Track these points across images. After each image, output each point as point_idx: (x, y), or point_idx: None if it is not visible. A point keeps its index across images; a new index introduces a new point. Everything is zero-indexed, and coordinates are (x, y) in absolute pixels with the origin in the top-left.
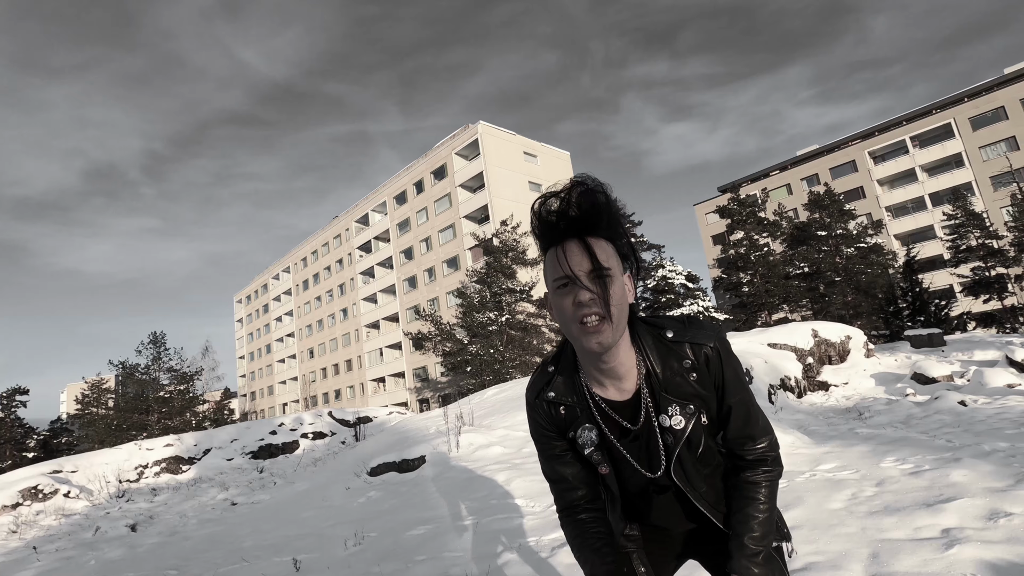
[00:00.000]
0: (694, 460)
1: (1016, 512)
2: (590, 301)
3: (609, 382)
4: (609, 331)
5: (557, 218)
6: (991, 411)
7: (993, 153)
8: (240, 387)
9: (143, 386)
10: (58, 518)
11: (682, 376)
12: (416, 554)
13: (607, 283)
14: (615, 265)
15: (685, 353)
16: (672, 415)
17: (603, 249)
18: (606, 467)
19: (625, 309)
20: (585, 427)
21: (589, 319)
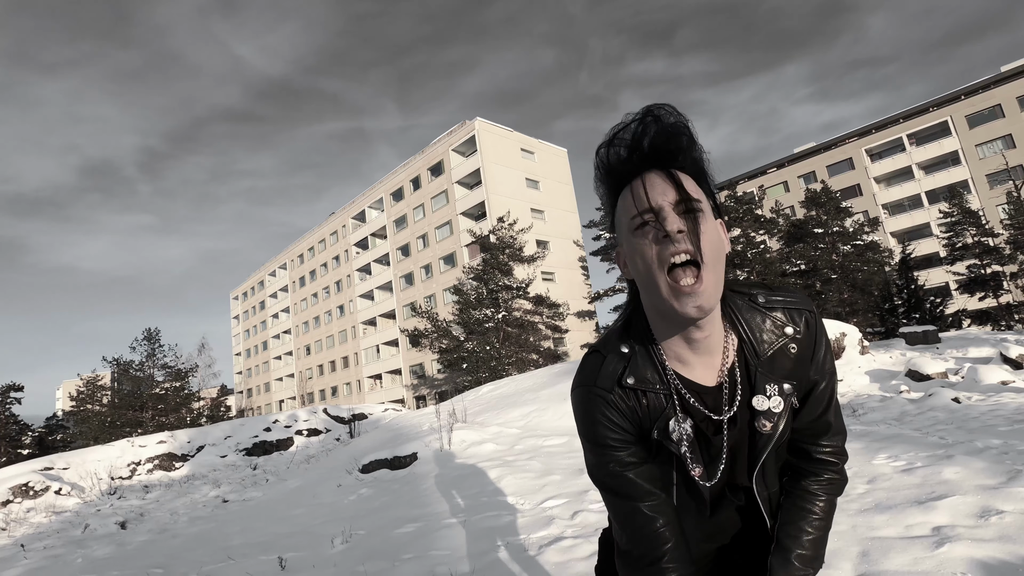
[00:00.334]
0: (775, 455)
1: (1008, 510)
2: (679, 236)
3: (697, 359)
4: (708, 288)
5: (630, 150)
6: (985, 408)
7: (989, 151)
8: (236, 384)
9: (138, 383)
10: (49, 515)
11: (782, 349)
12: (403, 552)
13: (698, 218)
14: (707, 209)
15: (783, 320)
16: (771, 396)
17: (689, 182)
18: (700, 468)
19: (722, 259)
20: (677, 418)
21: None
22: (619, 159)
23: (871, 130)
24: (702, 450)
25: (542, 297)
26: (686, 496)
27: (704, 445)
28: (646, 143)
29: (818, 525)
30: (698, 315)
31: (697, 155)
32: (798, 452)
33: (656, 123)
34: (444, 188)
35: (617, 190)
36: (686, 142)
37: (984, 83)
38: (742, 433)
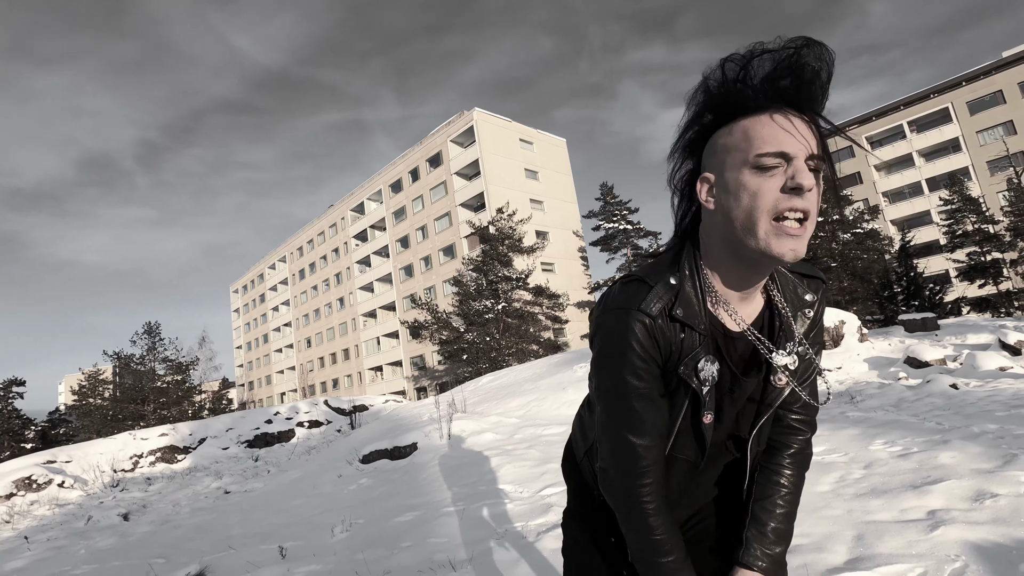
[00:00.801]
0: (771, 419)
1: (1002, 493)
2: (808, 193)
3: (740, 302)
4: (806, 239)
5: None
6: (982, 394)
7: (990, 137)
8: (238, 377)
9: (139, 376)
10: (52, 508)
11: (802, 313)
12: (402, 540)
13: (819, 178)
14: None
15: (805, 287)
16: (790, 353)
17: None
18: (711, 416)
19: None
20: (707, 359)
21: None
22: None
23: (871, 117)
24: (720, 396)
25: (542, 288)
26: (685, 444)
27: (725, 391)
28: (798, 77)
29: (789, 500)
30: (792, 258)
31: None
32: (781, 424)
33: (815, 59)
34: (443, 179)
35: (730, 113)
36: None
37: (985, 69)
38: (756, 386)
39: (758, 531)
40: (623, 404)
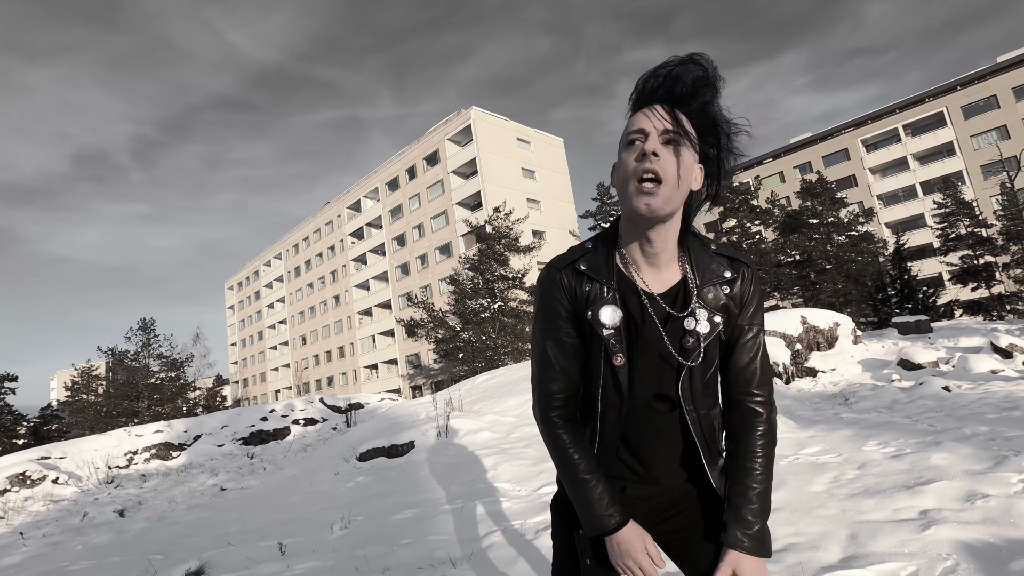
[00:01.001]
0: (702, 374)
1: (993, 494)
2: (653, 157)
3: (649, 268)
4: (663, 197)
5: (656, 84)
6: (974, 396)
7: (984, 142)
8: (232, 374)
9: (133, 373)
10: (46, 504)
11: (717, 286)
12: (401, 537)
13: (678, 150)
14: (690, 145)
15: (725, 265)
16: (699, 320)
17: (685, 122)
18: (622, 357)
19: (686, 186)
20: (611, 307)
21: (647, 175)
22: (646, 89)
23: (867, 121)
24: (629, 343)
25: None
26: (611, 389)
27: (634, 338)
28: (670, 82)
29: (761, 479)
30: (647, 212)
31: (714, 111)
32: (732, 403)
33: (687, 71)
34: (440, 178)
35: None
36: (707, 96)
37: (980, 74)
38: (675, 344)
39: (736, 515)
40: (538, 346)
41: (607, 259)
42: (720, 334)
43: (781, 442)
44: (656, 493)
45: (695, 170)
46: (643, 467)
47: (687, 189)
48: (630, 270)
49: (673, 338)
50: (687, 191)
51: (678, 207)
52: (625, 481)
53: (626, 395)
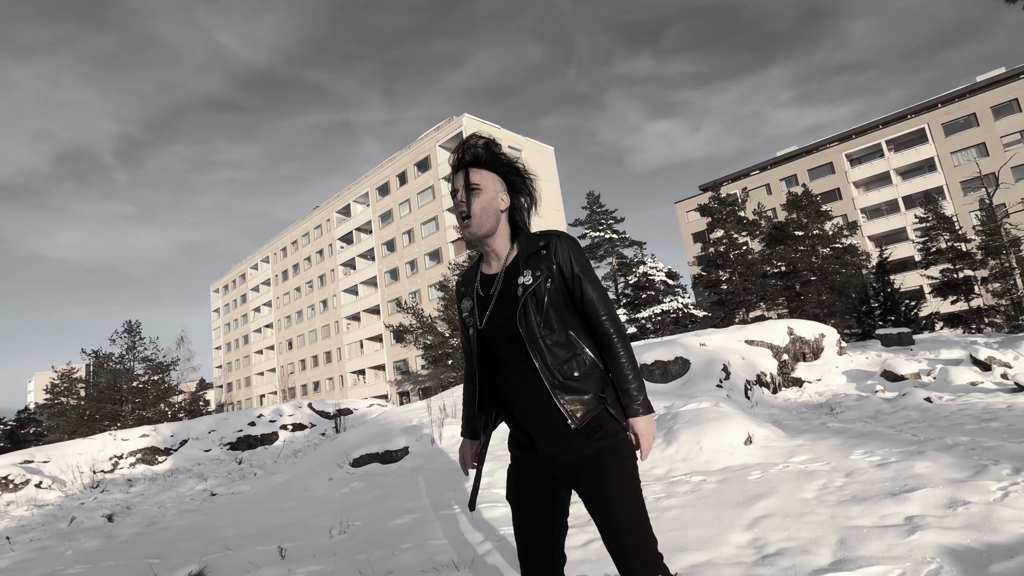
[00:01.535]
0: (537, 313)
1: (974, 501)
2: (459, 203)
3: (494, 260)
4: (472, 226)
5: (457, 157)
6: (955, 407)
7: (964, 158)
8: (216, 378)
9: (116, 376)
10: (30, 509)
11: (536, 254)
12: (401, 542)
13: (474, 195)
14: (489, 186)
15: (539, 240)
16: (526, 276)
17: (481, 175)
18: (473, 329)
19: (490, 213)
20: (466, 298)
21: (460, 213)
22: (453, 163)
23: (851, 135)
24: (480, 314)
25: None
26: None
27: (481, 308)
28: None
29: (628, 364)
30: (468, 237)
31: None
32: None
33: (471, 146)
34: (431, 184)
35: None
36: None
37: (960, 92)
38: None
39: (625, 393)
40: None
41: (472, 271)
42: (547, 282)
43: (770, 450)
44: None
45: (498, 198)
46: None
47: (495, 212)
48: (483, 269)
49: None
50: (496, 213)
51: (493, 226)
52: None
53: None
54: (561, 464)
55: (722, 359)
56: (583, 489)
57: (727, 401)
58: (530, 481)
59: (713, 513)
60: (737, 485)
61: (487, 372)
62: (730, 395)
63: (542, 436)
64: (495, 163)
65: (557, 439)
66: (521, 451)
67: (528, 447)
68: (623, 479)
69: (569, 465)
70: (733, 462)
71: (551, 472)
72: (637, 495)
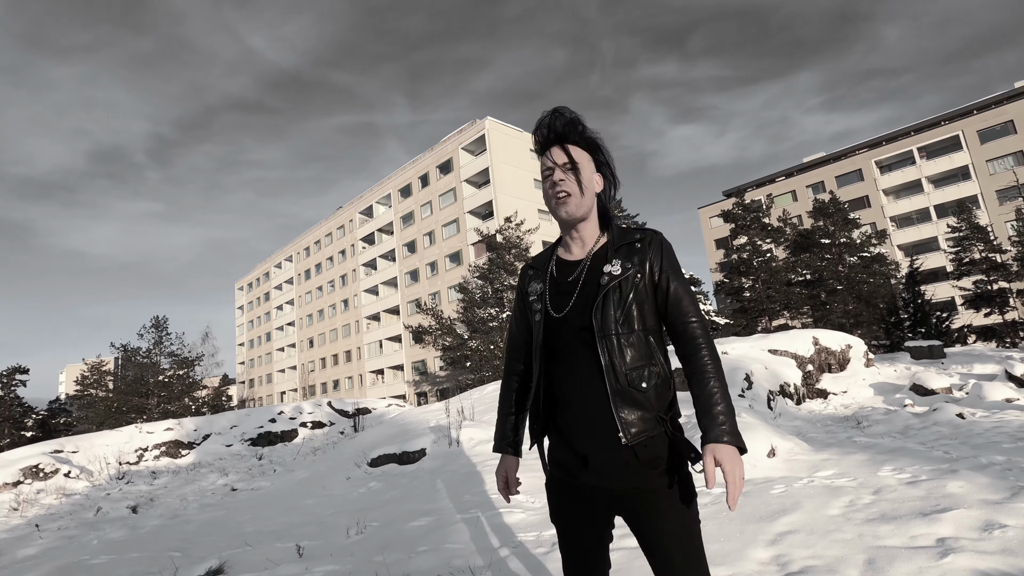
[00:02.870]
0: (619, 307)
1: (1011, 524)
2: (560, 180)
3: (577, 246)
4: (574, 203)
5: (544, 132)
6: (989, 425)
7: (1000, 167)
8: (239, 374)
9: (143, 369)
10: (59, 497)
11: (630, 245)
12: (418, 545)
13: (576, 171)
14: (585, 164)
15: (635, 234)
16: (614, 265)
17: (575, 151)
18: (540, 315)
19: (591, 192)
20: (537, 281)
21: (560, 194)
22: (540, 140)
23: (881, 142)
24: (551, 299)
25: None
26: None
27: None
28: (550, 130)
29: (719, 386)
30: (566, 217)
31: (589, 135)
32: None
33: (558, 118)
34: (452, 186)
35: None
36: (578, 128)
37: (997, 99)
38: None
39: (708, 416)
40: (513, 318)
41: (547, 254)
42: (636, 276)
43: (794, 464)
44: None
45: (594, 179)
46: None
47: (592, 194)
48: (562, 253)
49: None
50: (592, 195)
51: (589, 208)
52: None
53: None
54: (609, 494)
55: (744, 368)
56: (635, 526)
57: (749, 412)
58: (572, 502)
59: (735, 527)
60: (759, 499)
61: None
62: (752, 405)
63: (591, 452)
64: (587, 141)
65: (608, 461)
66: (560, 471)
67: (569, 470)
68: (683, 521)
69: (619, 497)
70: (755, 475)
71: (595, 499)
72: (697, 540)
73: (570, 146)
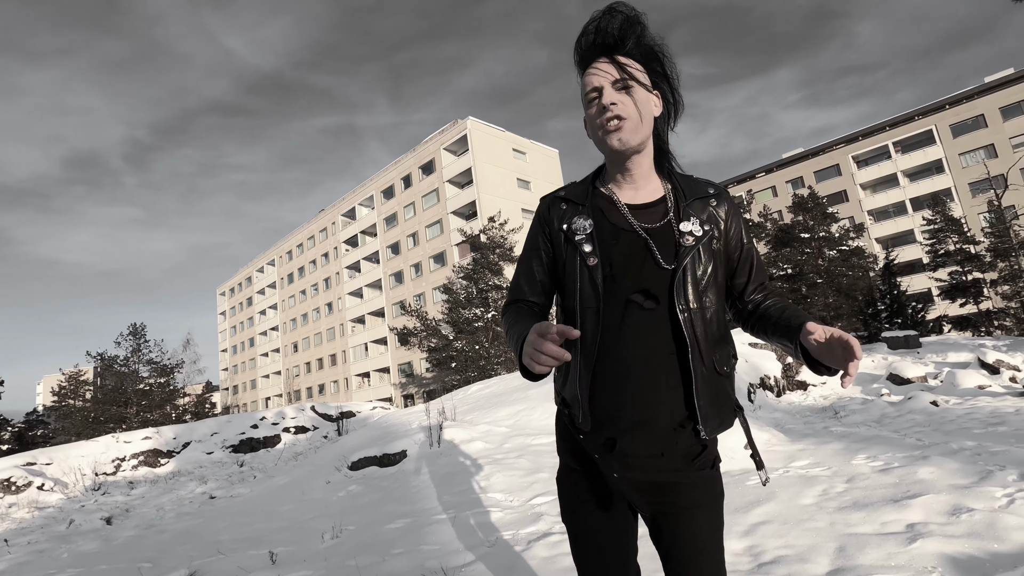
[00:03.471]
0: (697, 276)
1: (978, 508)
2: (611, 105)
3: (630, 188)
4: (629, 130)
5: (591, 39)
6: (961, 411)
7: (972, 160)
8: (222, 380)
9: (122, 378)
10: (31, 511)
11: (704, 200)
12: (393, 547)
13: (630, 91)
14: (640, 79)
15: (708, 187)
16: (693, 223)
17: (629, 65)
18: (595, 259)
19: (649, 117)
20: (581, 217)
21: (612, 121)
22: (584, 48)
23: (858, 137)
24: (603, 245)
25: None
26: (588, 289)
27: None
28: (600, 36)
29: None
30: (620, 146)
31: (648, 42)
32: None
33: (611, 19)
34: (435, 187)
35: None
36: (637, 31)
37: (968, 93)
38: (665, 246)
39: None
40: (519, 264)
41: (586, 185)
42: (714, 240)
43: (771, 455)
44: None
45: (651, 100)
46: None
47: (650, 119)
48: (611, 190)
49: (662, 242)
50: (650, 121)
51: (646, 137)
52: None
53: (601, 292)
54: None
55: None
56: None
57: None
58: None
59: None
60: (736, 490)
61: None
62: None
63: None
64: (644, 49)
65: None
66: (575, 460)
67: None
68: (714, 523)
69: (651, 487)
70: (733, 467)
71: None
72: (721, 544)
73: (622, 58)
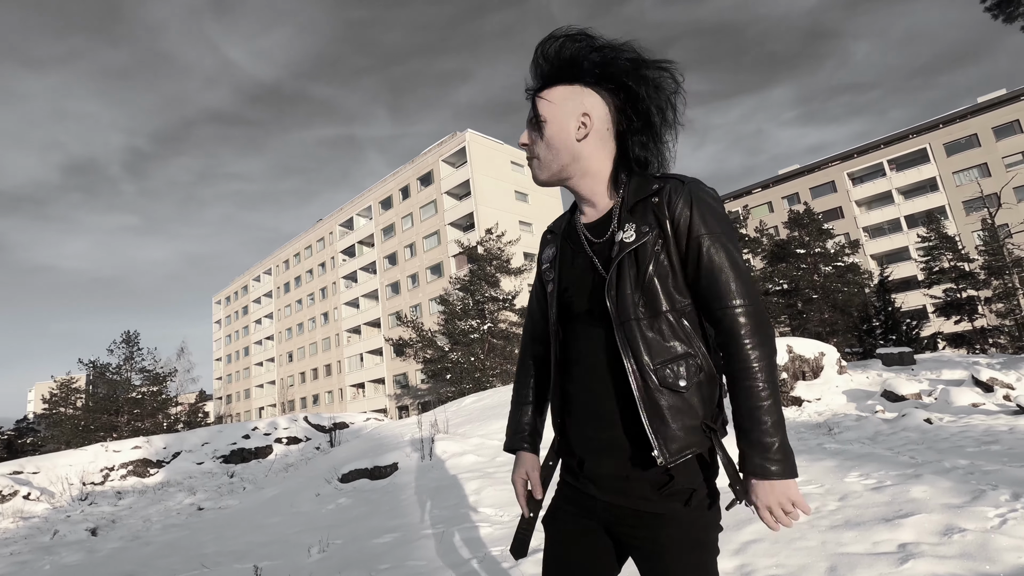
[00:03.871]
0: (636, 285)
1: (970, 528)
2: (522, 147)
3: (588, 207)
4: (537, 167)
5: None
6: (955, 429)
7: (966, 178)
8: (216, 390)
9: (114, 386)
10: (16, 521)
11: (645, 201)
12: (380, 562)
13: (541, 129)
14: (555, 113)
15: (656, 183)
16: (627, 231)
17: (550, 97)
18: (552, 284)
19: (563, 145)
20: (551, 246)
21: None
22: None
23: (853, 154)
24: (563, 269)
25: None
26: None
27: (569, 264)
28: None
29: (767, 395)
30: (537, 183)
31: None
32: (715, 321)
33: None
34: (433, 198)
35: None
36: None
37: (961, 113)
38: (607, 260)
39: (749, 440)
40: (532, 292)
41: (565, 217)
42: (655, 241)
43: None
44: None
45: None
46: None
47: (567, 147)
48: (578, 214)
49: (605, 257)
50: (569, 149)
51: (562, 166)
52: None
53: (556, 314)
54: (618, 512)
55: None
56: (635, 557)
57: None
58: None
59: None
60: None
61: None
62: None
63: (600, 460)
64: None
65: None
66: (568, 474)
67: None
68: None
69: (631, 516)
70: (723, 483)
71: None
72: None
73: (546, 92)
